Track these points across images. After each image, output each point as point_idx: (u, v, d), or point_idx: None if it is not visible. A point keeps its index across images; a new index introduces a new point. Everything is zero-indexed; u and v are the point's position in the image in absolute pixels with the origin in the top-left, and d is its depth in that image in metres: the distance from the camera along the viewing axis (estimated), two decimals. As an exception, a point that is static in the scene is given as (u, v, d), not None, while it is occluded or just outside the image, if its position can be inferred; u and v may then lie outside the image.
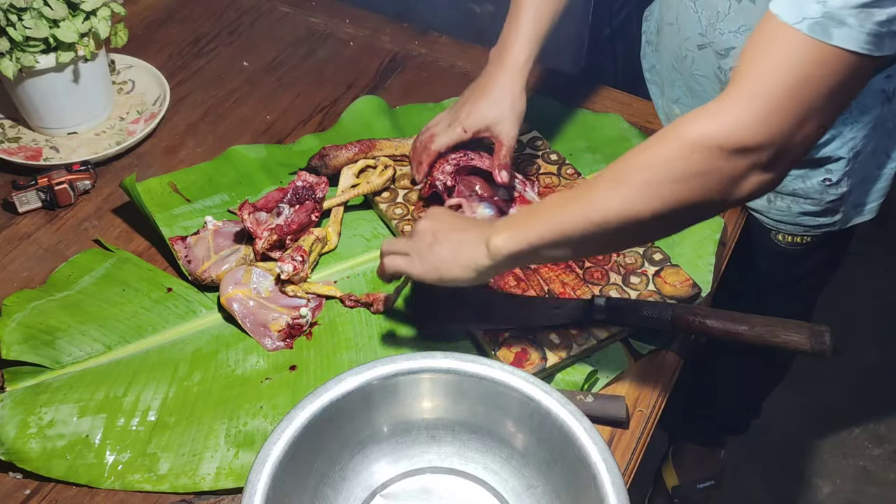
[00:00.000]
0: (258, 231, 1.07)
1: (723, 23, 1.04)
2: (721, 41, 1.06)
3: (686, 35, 1.11)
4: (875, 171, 1.16)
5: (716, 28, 1.05)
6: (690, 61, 1.13)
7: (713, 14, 1.05)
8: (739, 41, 1.04)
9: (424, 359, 0.85)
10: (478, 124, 1.08)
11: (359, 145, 1.19)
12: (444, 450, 0.89)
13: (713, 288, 1.10)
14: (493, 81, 1.09)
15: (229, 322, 1.05)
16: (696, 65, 1.12)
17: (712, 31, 1.06)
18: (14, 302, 1.05)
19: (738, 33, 1.03)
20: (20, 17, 1.16)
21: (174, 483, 0.90)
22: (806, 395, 2.05)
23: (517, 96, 1.08)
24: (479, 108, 1.09)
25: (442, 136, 1.11)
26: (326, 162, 1.18)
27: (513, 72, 1.08)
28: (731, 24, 1.03)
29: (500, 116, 1.08)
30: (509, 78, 1.08)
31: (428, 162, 1.12)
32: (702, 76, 1.13)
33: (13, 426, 0.92)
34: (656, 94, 1.33)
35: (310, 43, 1.51)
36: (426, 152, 1.12)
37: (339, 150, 1.18)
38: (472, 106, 1.09)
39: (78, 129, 1.30)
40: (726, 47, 1.05)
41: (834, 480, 1.94)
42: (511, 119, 1.08)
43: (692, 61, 1.13)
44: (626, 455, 0.94)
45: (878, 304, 2.28)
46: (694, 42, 1.10)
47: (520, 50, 1.07)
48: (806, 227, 1.20)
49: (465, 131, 1.09)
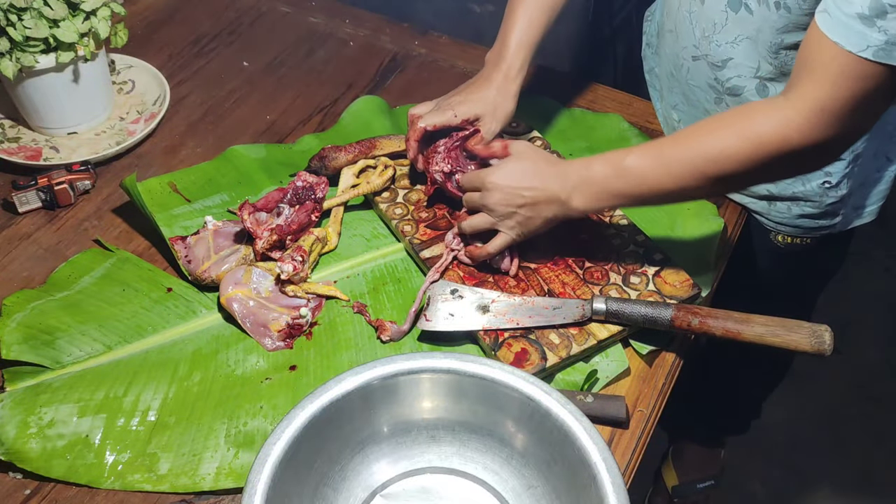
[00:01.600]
0: (258, 231, 1.07)
1: (719, 34, 1.05)
2: (717, 53, 1.06)
3: (683, 45, 1.12)
4: (875, 173, 1.16)
5: (711, 40, 1.06)
6: (686, 71, 1.14)
7: (708, 26, 1.05)
8: (736, 51, 1.04)
9: (424, 359, 0.85)
10: (468, 113, 1.11)
11: (359, 146, 1.19)
12: (444, 450, 0.89)
13: (713, 288, 1.10)
14: (489, 82, 1.12)
15: (229, 322, 1.05)
16: (692, 75, 1.13)
17: (706, 43, 1.07)
18: (14, 302, 1.05)
19: (735, 44, 1.04)
20: (20, 17, 1.16)
21: (174, 483, 0.90)
22: (806, 395, 2.05)
23: (508, 100, 1.12)
24: (472, 99, 1.12)
25: (431, 115, 1.12)
26: (326, 164, 1.18)
27: (508, 76, 1.12)
28: (728, 36, 1.04)
29: (488, 111, 1.11)
30: (503, 82, 1.12)
31: (415, 139, 1.13)
32: (696, 86, 1.14)
33: (13, 426, 0.92)
34: (656, 97, 1.33)
35: (310, 43, 1.51)
36: (412, 128, 1.13)
37: (338, 151, 1.18)
38: (466, 96, 1.12)
39: (78, 129, 1.30)
40: (723, 59, 1.06)
41: (834, 480, 1.94)
42: (496, 119, 1.12)
43: (688, 71, 1.13)
44: (626, 455, 0.94)
45: (878, 304, 2.28)
46: (689, 53, 1.11)
47: (514, 56, 1.12)
48: (805, 229, 1.20)
49: (456, 116, 1.11)
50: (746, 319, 0.94)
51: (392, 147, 1.20)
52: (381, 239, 1.16)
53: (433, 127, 1.11)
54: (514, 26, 1.12)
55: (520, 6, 1.12)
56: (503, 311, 1.00)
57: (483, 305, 1.01)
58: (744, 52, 1.04)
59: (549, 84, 1.40)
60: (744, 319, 0.94)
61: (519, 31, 1.11)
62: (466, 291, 1.03)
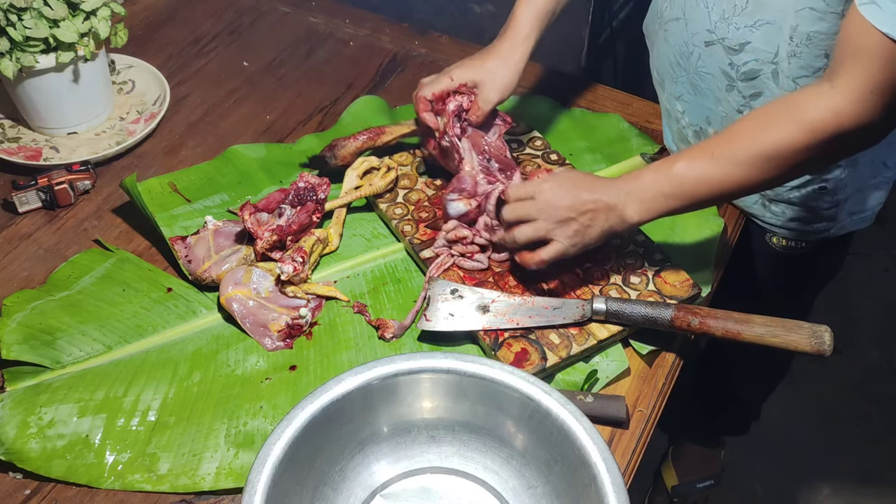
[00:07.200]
0: (259, 231, 1.07)
1: (738, 17, 1.04)
2: (735, 36, 1.05)
3: (694, 31, 1.11)
4: (871, 179, 1.16)
5: (729, 23, 1.05)
6: (697, 58, 1.12)
7: (728, 8, 1.04)
8: (755, 36, 1.03)
9: (424, 359, 0.85)
10: (465, 77, 1.12)
11: (367, 133, 1.19)
12: (444, 450, 0.89)
13: (713, 288, 1.10)
14: (492, 51, 1.13)
15: (229, 322, 1.05)
16: (703, 61, 1.12)
17: (724, 26, 1.06)
18: (14, 302, 1.05)
19: (755, 28, 1.03)
20: (20, 17, 1.16)
21: (174, 483, 0.90)
22: (806, 395, 2.05)
23: (510, 68, 1.12)
24: (471, 64, 1.13)
25: (431, 84, 1.14)
26: (336, 152, 1.19)
27: (513, 44, 1.12)
28: (748, 19, 1.03)
29: (487, 79, 1.12)
30: (508, 49, 1.12)
31: (423, 109, 1.14)
32: (707, 73, 1.12)
33: (13, 426, 0.92)
34: (658, 90, 1.32)
35: (310, 43, 1.51)
36: (416, 99, 1.15)
37: (347, 140, 1.19)
38: (467, 62, 1.14)
39: (78, 129, 1.30)
40: (741, 42, 1.05)
41: (834, 481, 1.94)
42: (495, 87, 1.12)
43: (698, 57, 1.12)
44: (626, 455, 0.94)
45: (878, 304, 2.28)
46: (702, 38, 1.10)
47: (521, 25, 1.12)
48: (800, 233, 1.20)
49: (452, 80, 1.12)
50: (746, 320, 0.94)
51: (400, 132, 1.20)
52: (382, 239, 1.16)
53: (433, 95, 1.13)
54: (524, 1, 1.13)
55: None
56: (503, 311, 1.00)
57: (483, 305, 1.01)
58: (763, 37, 1.03)
59: (549, 84, 1.40)
60: (744, 320, 0.94)
61: (528, 5, 1.12)
62: (466, 291, 1.03)
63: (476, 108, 1.12)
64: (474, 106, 1.12)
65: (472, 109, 1.12)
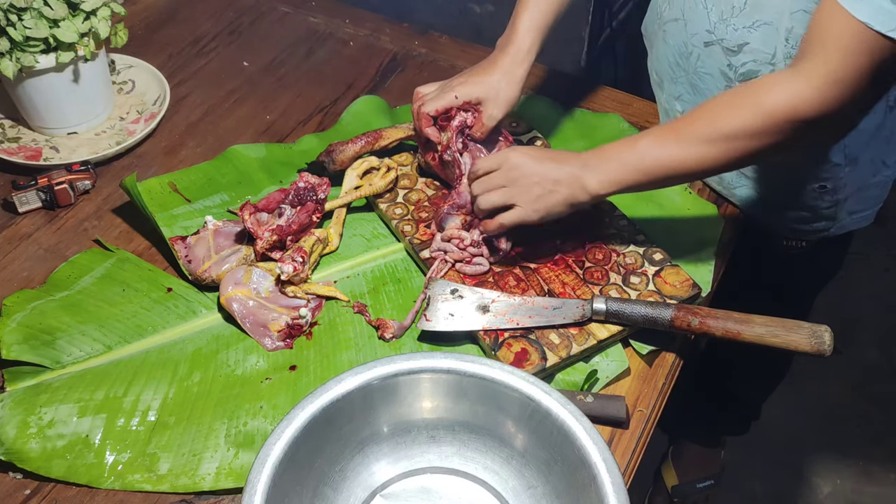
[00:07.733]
0: (259, 231, 1.07)
1: (737, 18, 1.04)
2: (733, 37, 1.05)
3: (693, 31, 1.11)
4: (871, 178, 1.16)
5: (728, 24, 1.05)
6: (696, 58, 1.12)
7: (727, 9, 1.04)
8: (754, 37, 1.03)
9: (424, 359, 0.85)
10: (469, 94, 1.11)
11: (365, 138, 1.19)
12: (444, 450, 0.89)
13: (713, 288, 1.10)
14: (495, 66, 1.12)
15: (229, 322, 1.05)
16: (702, 62, 1.12)
17: (723, 27, 1.06)
18: (14, 302, 1.05)
19: (753, 29, 1.03)
20: (20, 17, 1.16)
21: (174, 483, 0.90)
22: (806, 395, 2.05)
23: (512, 85, 1.12)
24: (474, 80, 1.12)
25: (434, 100, 1.13)
26: (334, 157, 1.19)
27: (515, 59, 1.11)
28: (746, 20, 1.03)
29: (490, 96, 1.11)
30: (510, 64, 1.11)
31: (426, 125, 1.14)
32: (706, 73, 1.12)
33: (13, 426, 0.92)
34: (657, 91, 1.32)
35: (310, 43, 1.51)
36: (419, 115, 1.14)
37: (345, 144, 1.19)
38: (469, 78, 1.13)
39: (78, 129, 1.30)
40: (739, 43, 1.05)
41: (834, 480, 1.94)
42: (498, 103, 1.12)
43: (697, 58, 1.12)
44: (626, 455, 0.94)
45: (878, 304, 2.28)
46: (701, 39, 1.10)
47: (522, 39, 1.11)
48: (801, 232, 1.20)
49: (457, 98, 1.11)
50: (746, 320, 0.94)
51: (398, 136, 1.20)
52: (381, 239, 1.16)
53: (435, 111, 1.12)
54: (524, 10, 1.12)
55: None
56: (503, 311, 1.00)
57: (483, 305, 1.01)
58: (761, 38, 1.03)
59: (549, 84, 1.40)
60: (744, 320, 0.94)
61: (529, 15, 1.11)
62: (466, 291, 1.03)
63: (480, 124, 1.12)
64: (478, 122, 1.12)
65: (476, 126, 1.12)
